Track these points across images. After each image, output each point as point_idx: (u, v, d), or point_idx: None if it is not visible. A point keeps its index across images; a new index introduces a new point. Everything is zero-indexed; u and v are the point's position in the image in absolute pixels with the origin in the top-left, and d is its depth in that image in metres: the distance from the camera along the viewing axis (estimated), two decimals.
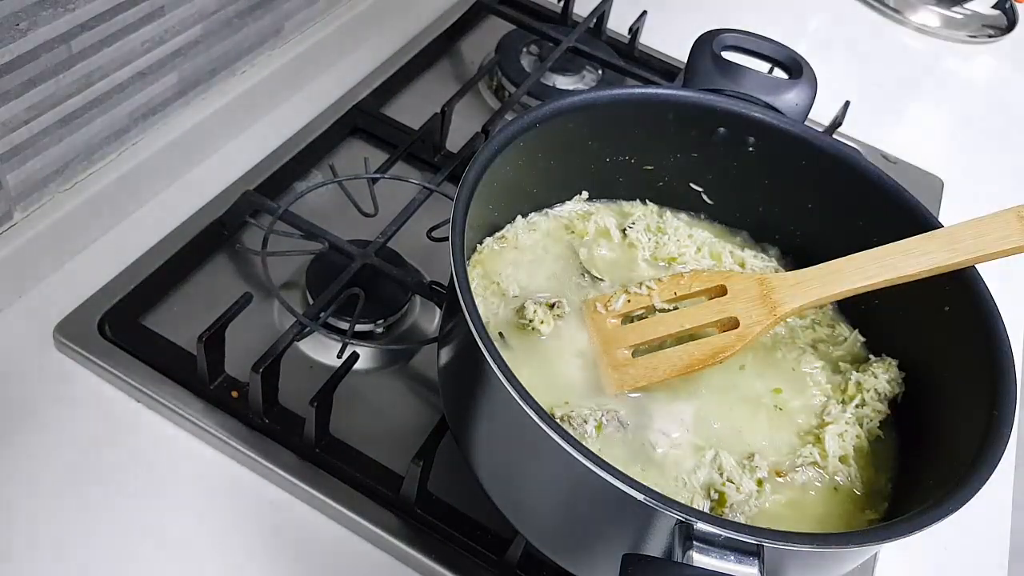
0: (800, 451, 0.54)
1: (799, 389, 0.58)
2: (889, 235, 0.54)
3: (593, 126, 0.61)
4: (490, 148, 0.53)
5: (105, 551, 0.55)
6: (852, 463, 0.54)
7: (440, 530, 0.58)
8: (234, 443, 0.60)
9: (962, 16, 1.21)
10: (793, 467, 0.53)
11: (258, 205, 0.71)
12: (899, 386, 0.57)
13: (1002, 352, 0.50)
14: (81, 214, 0.68)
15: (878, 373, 0.57)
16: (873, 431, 0.56)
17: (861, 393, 0.56)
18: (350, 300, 0.64)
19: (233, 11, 0.74)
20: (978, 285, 0.53)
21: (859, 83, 1.04)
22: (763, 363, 0.58)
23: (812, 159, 0.61)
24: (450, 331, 0.53)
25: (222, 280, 0.70)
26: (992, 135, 1.08)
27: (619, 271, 0.62)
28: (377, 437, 0.62)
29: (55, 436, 0.59)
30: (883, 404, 0.56)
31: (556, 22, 1.01)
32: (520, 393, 0.42)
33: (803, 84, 0.63)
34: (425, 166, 0.82)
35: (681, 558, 0.40)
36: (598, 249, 0.63)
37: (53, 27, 0.59)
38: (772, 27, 0.59)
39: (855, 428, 0.55)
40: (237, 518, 0.58)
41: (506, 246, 0.61)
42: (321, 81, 0.87)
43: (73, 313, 0.64)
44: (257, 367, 0.58)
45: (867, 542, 0.43)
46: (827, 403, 0.57)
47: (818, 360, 0.59)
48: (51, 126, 0.63)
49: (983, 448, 0.46)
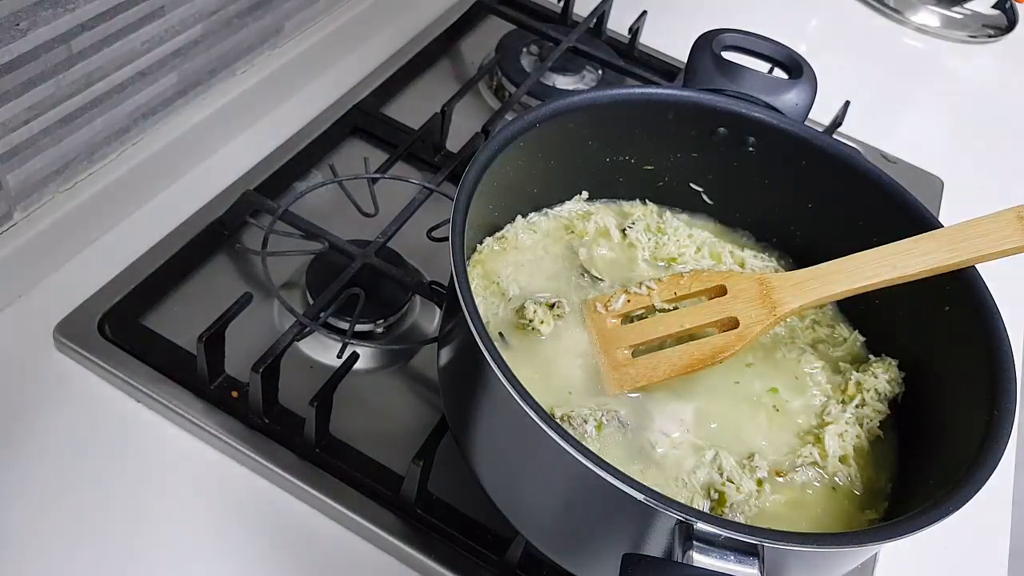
0: (800, 451, 0.54)
1: (799, 389, 0.58)
2: (889, 235, 0.54)
3: (593, 126, 0.61)
4: (490, 148, 0.53)
5: (104, 551, 0.55)
6: (852, 463, 0.54)
7: (440, 530, 0.58)
8: (234, 443, 0.60)
9: (962, 16, 1.21)
10: (793, 467, 0.53)
11: (258, 205, 0.71)
12: (899, 386, 0.57)
13: (1002, 352, 0.50)
14: (81, 214, 0.68)
15: (878, 373, 0.57)
16: (873, 431, 0.56)
17: (861, 393, 0.56)
18: (350, 300, 0.64)
19: (233, 11, 0.74)
20: (978, 285, 0.53)
21: (859, 83, 1.04)
22: (763, 363, 0.58)
23: (812, 159, 0.61)
24: (450, 331, 0.53)
25: (222, 280, 0.70)
26: (992, 135, 1.08)
27: (619, 271, 0.62)
28: (377, 437, 0.62)
29: (55, 436, 0.59)
30: (883, 404, 0.56)
31: (556, 22, 1.01)
32: (520, 393, 0.42)
33: (803, 84, 0.63)
34: (425, 166, 0.82)
35: (681, 558, 0.40)
36: (598, 249, 0.63)
37: (53, 27, 0.59)
38: (772, 27, 0.59)
39: (855, 428, 0.55)
40: (237, 518, 0.58)
41: (506, 246, 0.61)
42: (321, 81, 0.87)
43: (73, 313, 0.64)
44: (257, 367, 0.58)
45: (867, 542, 0.43)
46: (827, 403, 0.57)
47: (818, 360, 0.59)
48: (51, 126, 0.63)
49: (983, 448, 0.46)
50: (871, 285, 0.53)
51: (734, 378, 0.57)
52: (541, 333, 0.56)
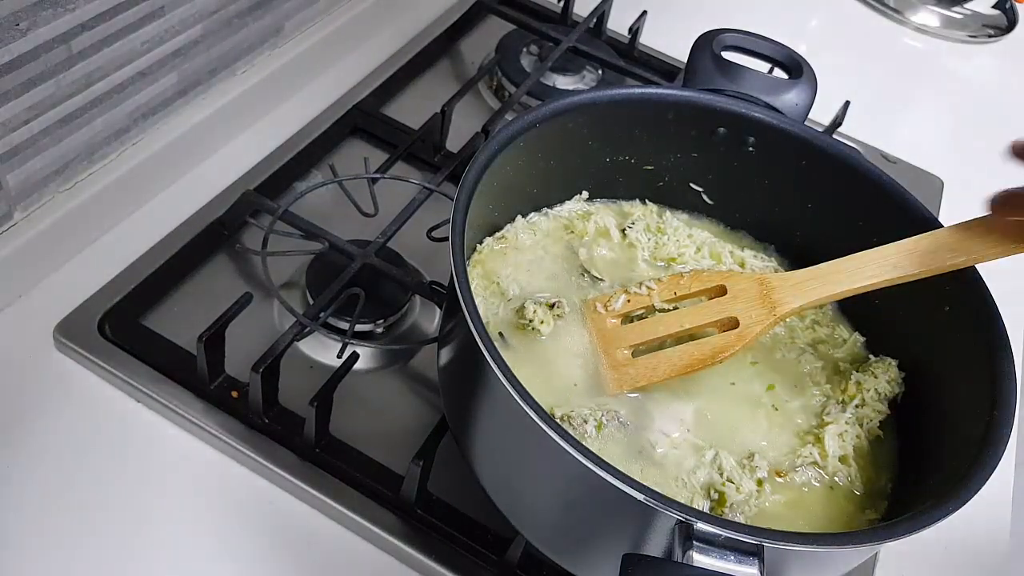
0: (800, 451, 0.54)
1: (799, 389, 0.58)
2: (889, 235, 0.54)
3: (593, 126, 0.61)
4: (490, 148, 0.53)
5: (104, 550, 0.55)
6: (852, 463, 0.54)
7: (440, 530, 0.58)
8: (234, 443, 0.60)
9: (962, 16, 1.21)
10: (793, 467, 0.53)
11: (258, 205, 0.71)
12: (899, 386, 0.57)
13: (1002, 352, 0.50)
14: (81, 214, 0.68)
15: (878, 373, 0.57)
16: (873, 431, 0.56)
17: (861, 393, 0.56)
18: (350, 300, 0.64)
19: (233, 11, 0.74)
20: (978, 285, 0.53)
21: (859, 83, 1.04)
22: (763, 364, 0.59)
23: (812, 159, 0.61)
24: (450, 331, 0.53)
25: (222, 280, 0.70)
26: (992, 135, 1.07)
27: (619, 271, 0.62)
28: (377, 437, 0.62)
29: (55, 436, 0.59)
30: (883, 404, 0.57)
31: (556, 22, 1.01)
32: (520, 393, 0.42)
33: (803, 84, 0.63)
34: (425, 166, 0.82)
35: (681, 558, 0.40)
36: (598, 249, 0.63)
37: (53, 27, 0.59)
38: (772, 27, 0.59)
39: (855, 428, 0.55)
40: (237, 518, 0.58)
41: (506, 246, 0.61)
42: (321, 81, 0.87)
43: (73, 313, 0.64)
44: (257, 367, 0.58)
45: (867, 542, 0.43)
46: (827, 403, 0.57)
47: (818, 360, 0.59)
48: (51, 126, 0.63)
49: (983, 448, 0.46)
50: (871, 285, 0.53)
51: (732, 379, 0.57)
52: (541, 333, 0.56)
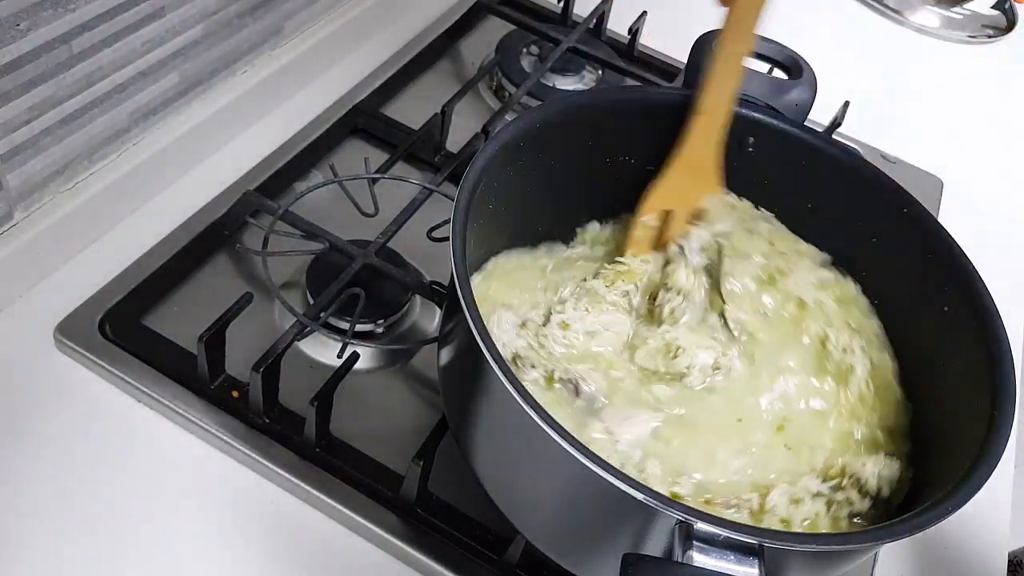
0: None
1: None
2: (889, 235, 0.54)
3: (593, 126, 0.61)
4: (490, 148, 0.53)
5: (104, 550, 0.55)
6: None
7: (440, 530, 0.58)
8: (234, 443, 0.60)
9: (962, 16, 1.21)
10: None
11: (258, 205, 0.71)
12: (890, 487, 0.51)
13: (1002, 352, 0.50)
14: (81, 214, 0.68)
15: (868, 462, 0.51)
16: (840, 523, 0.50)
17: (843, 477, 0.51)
18: (350, 300, 0.65)
19: (234, 11, 0.74)
20: (978, 285, 0.53)
21: (859, 83, 1.03)
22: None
23: (812, 159, 0.61)
24: (450, 331, 0.53)
25: (222, 280, 0.70)
26: (991, 135, 1.08)
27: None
28: (377, 437, 0.62)
29: (55, 436, 0.59)
30: (864, 499, 0.50)
31: (556, 22, 1.01)
32: (521, 393, 0.42)
33: (803, 84, 0.63)
34: (425, 166, 0.82)
35: (681, 558, 0.40)
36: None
37: (53, 27, 0.59)
38: (772, 27, 0.59)
39: (819, 507, 0.50)
40: (237, 518, 0.58)
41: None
42: (321, 81, 0.87)
43: (73, 313, 0.64)
44: (257, 367, 0.58)
45: (867, 542, 0.43)
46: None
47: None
48: (52, 126, 0.63)
49: (983, 448, 0.46)
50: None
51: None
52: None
